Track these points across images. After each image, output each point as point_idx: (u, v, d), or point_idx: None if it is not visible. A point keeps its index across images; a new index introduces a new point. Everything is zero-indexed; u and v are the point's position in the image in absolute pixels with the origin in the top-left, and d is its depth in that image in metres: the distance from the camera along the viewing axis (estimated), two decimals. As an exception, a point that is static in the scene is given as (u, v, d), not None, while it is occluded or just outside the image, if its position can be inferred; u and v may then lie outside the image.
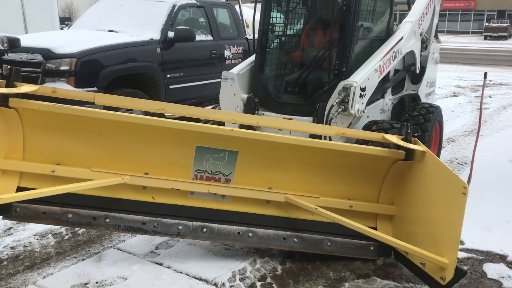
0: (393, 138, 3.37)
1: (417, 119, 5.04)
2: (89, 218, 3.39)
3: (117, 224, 3.42)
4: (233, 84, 4.58)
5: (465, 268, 3.27)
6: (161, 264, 3.47)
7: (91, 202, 3.41)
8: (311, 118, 4.23)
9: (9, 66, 5.51)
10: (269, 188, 3.49)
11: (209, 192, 3.45)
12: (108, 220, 3.41)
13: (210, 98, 7.30)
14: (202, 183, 3.45)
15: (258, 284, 3.27)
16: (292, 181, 3.52)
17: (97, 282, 3.23)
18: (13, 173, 3.32)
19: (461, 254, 3.73)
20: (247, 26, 8.42)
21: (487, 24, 41.76)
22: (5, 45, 5.26)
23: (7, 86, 3.14)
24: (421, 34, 5.24)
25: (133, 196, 3.47)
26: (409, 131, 3.35)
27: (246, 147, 3.37)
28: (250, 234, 3.48)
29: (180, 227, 3.45)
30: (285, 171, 3.50)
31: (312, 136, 3.79)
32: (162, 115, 4.70)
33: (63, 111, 3.17)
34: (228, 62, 7.51)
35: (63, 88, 3.65)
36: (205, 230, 3.46)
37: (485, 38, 39.76)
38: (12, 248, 3.71)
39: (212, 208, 3.51)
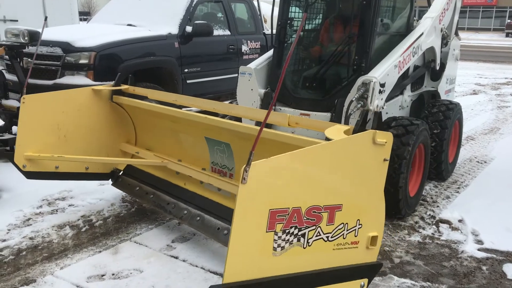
0: (334, 130, 2.76)
1: (436, 116, 4.98)
2: (144, 193, 4.03)
3: (154, 201, 3.90)
4: (251, 79, 4.56)
5: None
6: (176, 258, 3.48)
7: (151, 181, 4.06)
8: (329, 114, 4.19)
9: (29, 59, 5.58)
10: None
11: (208, 183, 3.53)
12: (152, 196, 3.94)
13: (227, 93, 7.30)
14: (211, 175, 3.53)
15: (274, 279, 3.26)
16: None
17: (113, 274, 3.26)
18: (128, 154, 4.40)
19: (480, 254, 3.67)
20: (265, 21, 8.38)
21: (509, 21, 41.05)
22: (26, 38, 5.32)
23: (114, 86, 4.20)
24: (441, 30, 5.15)
25: (171, 179, 3.95)
26: (359, 118, 2.76)
27: (235, 140, 3.33)
28: (226, 232, 3.27)
29: (185, 212, 3.61)
30: None
31: None
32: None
33: (138, 105, 4.02)
34: (245, 57, 7.49)
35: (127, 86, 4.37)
36: (198, 219, 3.51)
37: (507, 35, 39.07)
38: (31, 238, 3.76)
39: (213, 201, 3.55)
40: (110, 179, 4.40)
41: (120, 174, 4.35)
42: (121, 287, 3.10)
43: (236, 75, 4.74)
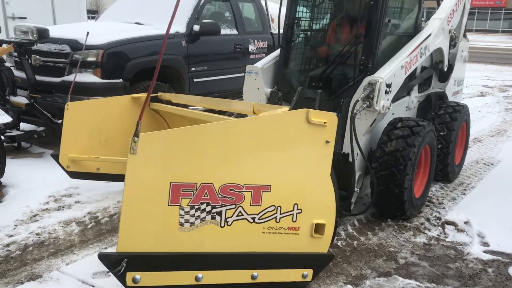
0: (279, 111, 2.74)
1: (443, 118, 4.96)
2: None
3: None
4: (257, 78, 4.57)
5: None
6: (181, 255, 3.49)
7: None
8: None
9: (38, 56, 5.62)
10: None
11: None
12: None
13: (234, 92, 7.31)
14: None
15: (278, 278, 3.26)
16: None
17: (118, 271, 3.27)
18: None
19: (486, 256, 3.66)
20: (272, 21, 8.39)
21: (518, 23, 40.69)
22: (35, 35, 5.35)
23: (153, 93, 4.14)
24: (450, 31, 5.13)
25: None
26: (294, 98, 2.70)
27: None
28: None
29: None
30: None
31: None
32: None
33: (172, 111, 4.08)
34: (252, 56, 7.50)
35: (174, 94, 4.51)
36: None
37: (516, 37, 38.76)
38: (37, 234, 3.78)
39: None
40: None
41: None
42: (126, 284, 3.12)
43: (243, 74, 4.75)
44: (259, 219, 2.29)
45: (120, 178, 4.27)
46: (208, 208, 2.18)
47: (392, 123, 4.22)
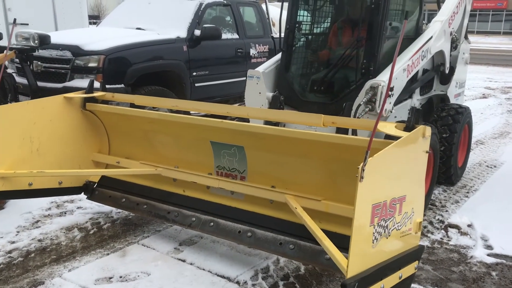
0: (388, 127, 2.93)
1: (445, 120, 4.95)
2: (134, 204, 3.86)
3: (150, 211, 3.77)
4: (259, 82, 4.57)
5: None
6: (184, 261, 3.48)
7: (140, 190, 3.90)
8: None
9: (39, 62, 5.63)
10: (272, 187, 3.28)
11: (220, 187, 3.48)
12: (145, 206, 3.79)
13: (235, 96, 7.31)
14: (220, 179, 3.50)
15: (281, 283, 3.25)
16: (295, 180, 3.24)
17: (121, 277, 3.27)
18: (102, 164, 4.11)
19: (490, 260, 3.64)
20: (273, 25, 8.40)
21: (519, 24, 40.65)
22: (36, 41, 5.37)
23: (86, 93, 3.93)
24: (451, 34, 5.12)
25: (167, 188, 3.80)
26: (409, 115, 2.87)
27: (250, 142, 3.32)
28: (249, 234, 3.30)
29: (194, 219, 3.56)
30: (289, 168, 3.25)
31: (338, 131, 3.81)
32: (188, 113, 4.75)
33: (117, 111, 3.85)
34: (253, 60, 7.50)
35: (118, 93, 4.22)
36: (212, 224, 3.48)
37: (517, 39, 38.69)
38: (39, 240, 3.78)
39: (225, 205, 3.53)
40: (83, 193, 4.07)
41: (95, 186, 4.07)
42: (128, 290, 3.11)
43: (244, 78, 4.75)
44: (399, 226, 2.56)
45: (55, 192, 3.90)
46: (383, 223, 2.42)
47: (394, 126, 4.21)
